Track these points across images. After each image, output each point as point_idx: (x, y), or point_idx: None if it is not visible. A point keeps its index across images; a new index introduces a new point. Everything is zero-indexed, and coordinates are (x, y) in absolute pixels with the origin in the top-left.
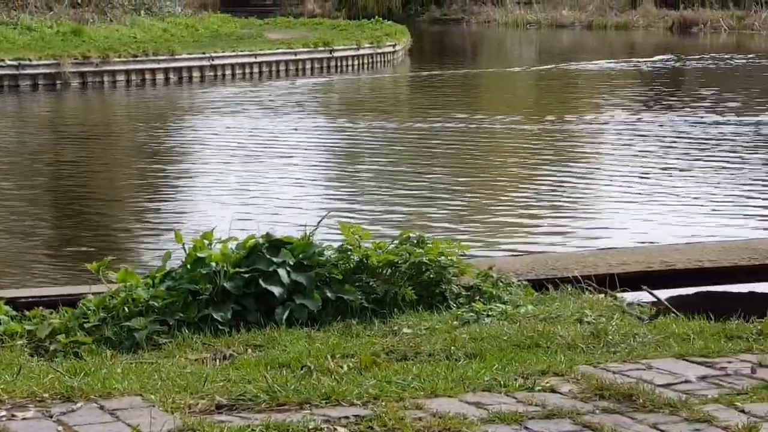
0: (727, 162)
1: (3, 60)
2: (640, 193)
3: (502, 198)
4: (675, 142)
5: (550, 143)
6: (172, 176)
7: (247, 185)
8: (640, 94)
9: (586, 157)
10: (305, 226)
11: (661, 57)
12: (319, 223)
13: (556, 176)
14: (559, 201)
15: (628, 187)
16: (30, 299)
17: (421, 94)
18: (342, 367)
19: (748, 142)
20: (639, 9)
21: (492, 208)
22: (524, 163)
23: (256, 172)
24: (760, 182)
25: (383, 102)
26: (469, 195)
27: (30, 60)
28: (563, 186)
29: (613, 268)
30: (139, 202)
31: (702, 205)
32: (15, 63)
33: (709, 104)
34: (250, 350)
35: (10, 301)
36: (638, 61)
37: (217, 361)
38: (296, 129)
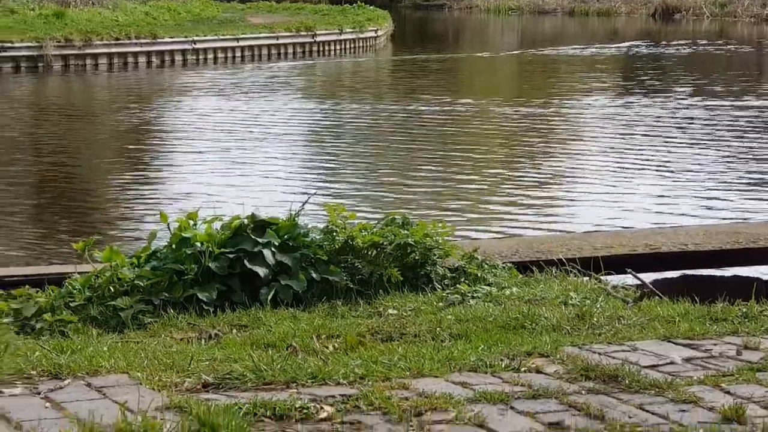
0: (709, 145)
1: None
2: (623, 177)
3: (485, 180)
4: (654, 125)
5: (530, 126)
6: (155, 157)
7: (231, 166)
8: (620, 79)
9: (567, 140)
10: (290, 206)
11: (639, 42)
12: (304, 203)
13: (537, 159)
14: (542, 184)
15: (611, 170)
16: (16, 278)
17: (403, 78)
18: (328, 348)
19: (730, 126)
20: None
21: (474, 190)
22: (506, 146)
23: (239, 153)
24: (742, 166)
25: (365, 85)
26: (452, 177)
27: (12, 42)
28: (545, 169)
29: (598, 251)
30: (123, 183)
31: (686, 189)
32: None
33: (689, 89)
34: (235, 330)
35: None
36: (618, 47)
37: (203, 340)
38: (278, 111)
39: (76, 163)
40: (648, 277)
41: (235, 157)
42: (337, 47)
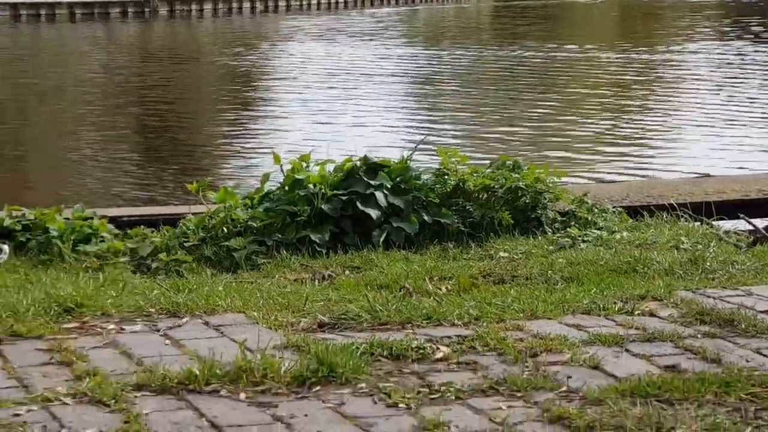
0: None
1: None
2: (734, 121)
3: (592, 125)
4: (766, 70)
5: (637, 70)
6: (263, 100)
7: (339, 109)
8: (729, 25)
9: (675, 85)
10: (401, 148)
11: None
12: (416, 146)
13: (645, 103)
14: (651, 129)
15: (722, 115)
16: (132, 218)
17: (505, 24)
18: (441, 289)
19: None
20: None
21: (581, 134)
22: (612, 91)
23: (347, 97)
24: None
25: (469, 31)
26: (558, 121)
27: None
28: (654, 113)
29: (709, 196)
30: (232, 125)
31: None
32: None
33: None
34: (348, 271)
35: (112, 220)
36: None
37: (316, 281)
38: (384, 56)
39: (185, 106)
40: (761, 222)
41: (343, 101)
42: None
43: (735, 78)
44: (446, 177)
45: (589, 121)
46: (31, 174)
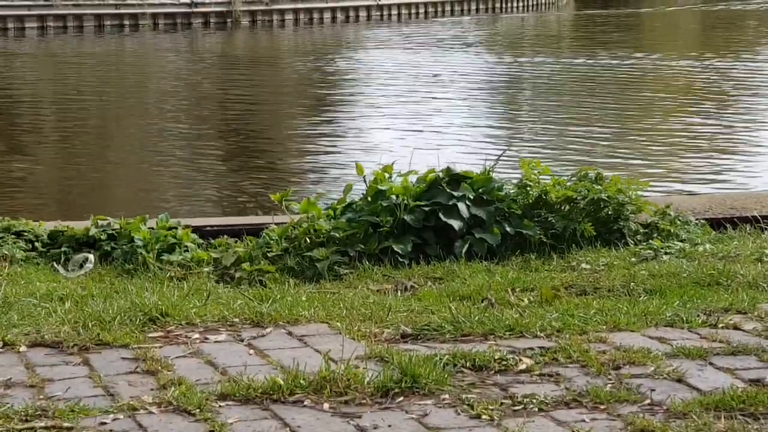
0: None
1: None
2: None
3: (673, 135)
4: None
5: (717, 80)
6: (347, 110)
7: (420, 119)
8: None
9: (756, 95)
10: (484, 159)
11: None
12: (499, 157)
13: (726, 114)
14: (733, 140)
15: None
16: (215, 228)
17: (585, 34)
18: (523, 300)
19: None
20: None
21: (663, 145)
22: (692, 101)
23: (427, 106)
24: None
25: (550, 40)
26: (640, 132)
27: None
28: (736, 124)
29: None
30: (313, 135)
31: None
32: (188, 1)
33: None
34: (430, 282)
35: (196, 230)
36: None
37: (399, 292)
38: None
39: (267, 117)
40: None
41: (424, 110)
42: (520, 3)
43: None
44: (528, 188)
45: (671, 130)
46: (116, 183)
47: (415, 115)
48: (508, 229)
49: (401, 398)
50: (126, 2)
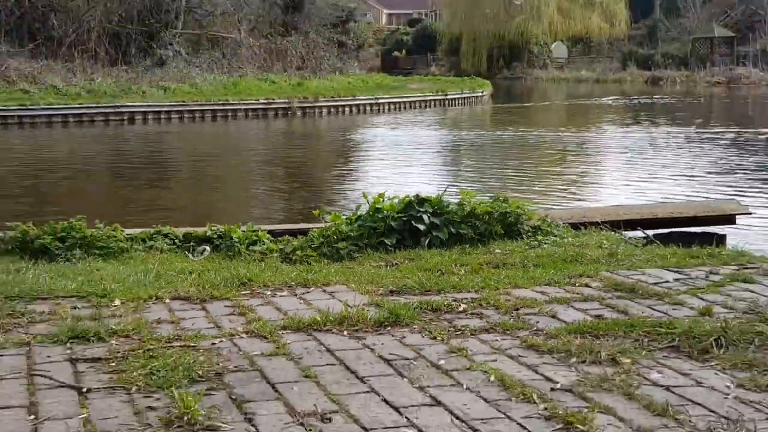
0: (685, 156)
1: (257, 99)
2: (635, 176)
3: (548, 177)
4: (651, 143)
5: (575, 143)
6: (359, 161)
7: (403, 168)
8: (624, 117)
9: (599, 153)
10: (438, 190)
11: (636, 97)
12: (446, 189)
13: (580, 164)
14: (584, 178)
15: (626, 171)
16: (280, 230)
17: (499, 118)
18: (461, 271)
19: (693, 144)
20: (627, 70)
21: (543, 182)
22: (562, 157)
23: (407, 161)
24: (704, 169)
25: (477, 121)
26: (528, 175)
27: (274, 99)
28: (587, 170)
29: (621, 217)
30: (341, 177)
31: (673, 181)
32: (265, 101)
33: (665, 121)
34: (407, 261)
35: (269, 232)
36: (623, 99)
37: (388, 267)
38: (423, 137)
39: (312, 166)
40: (651, 232)
41: (405, 164)
42: (460, 101)
43: (632, 149)
44: (464, 206)
45: (546, 174)
46: (222, 205)
47: (399, 168)
48: (452, 230)
49: (389, 327)
50: (229, 102)
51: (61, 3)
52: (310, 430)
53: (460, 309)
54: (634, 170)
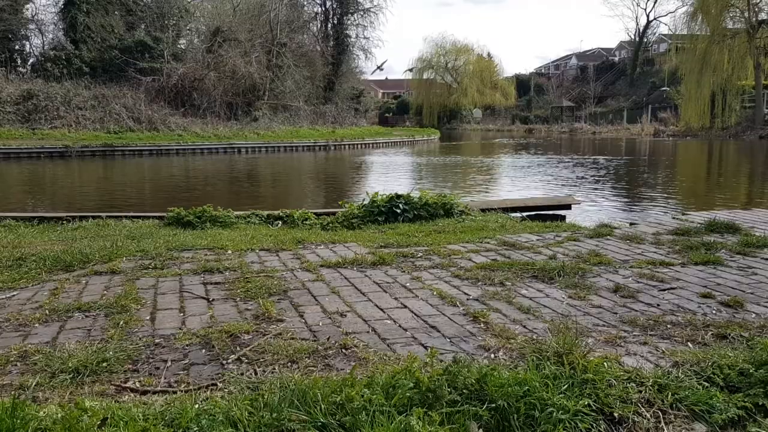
0: (545, 171)
1: (309, 140)
2: (519, 183)
3: (468, 183)
4: (523, 167)
5: (484, 164)
6: (364, 174)
7: (389, 179)
8: (512, 150)
9: (499, 169)
10: (410, 191)
11: (519, 139)
12: (411, 190)
13: (487, 178)
14: (490, 183)
15: (513, 180)
16: (320, 212)
17: (445, 150)
18: (419, 235)
19: (551, 165)
20: (515, 124)
21: (466, 186)
22: (477, 173)
23: (394, 176)
24: (555, 178)
25: (431, 152)
26: (457, 181)
27: (318, 140)
28: (494, 178)
29: (508, 205)
30: (354, 184)
31: (538, 185)
32: (313, 141)
33: (535, 152)
34: (389, 230)
35: (314, 213)
36: (512, 140)
37: (379, 233)
38: (394, 161)
39: (337, 176)
40: (524, 213)
41: (391, 177)
42: (422, 141)
43: (515, 168)
44: (422, 199)
45: (467, 182)
46: (287, 198)
47: (387, 178)
48: (415, 212)
49: (380, 266)
50: (293, 142)
51: (200, 85)
52: (335, 320)
53: (419, 255)
54: (518, 179)
